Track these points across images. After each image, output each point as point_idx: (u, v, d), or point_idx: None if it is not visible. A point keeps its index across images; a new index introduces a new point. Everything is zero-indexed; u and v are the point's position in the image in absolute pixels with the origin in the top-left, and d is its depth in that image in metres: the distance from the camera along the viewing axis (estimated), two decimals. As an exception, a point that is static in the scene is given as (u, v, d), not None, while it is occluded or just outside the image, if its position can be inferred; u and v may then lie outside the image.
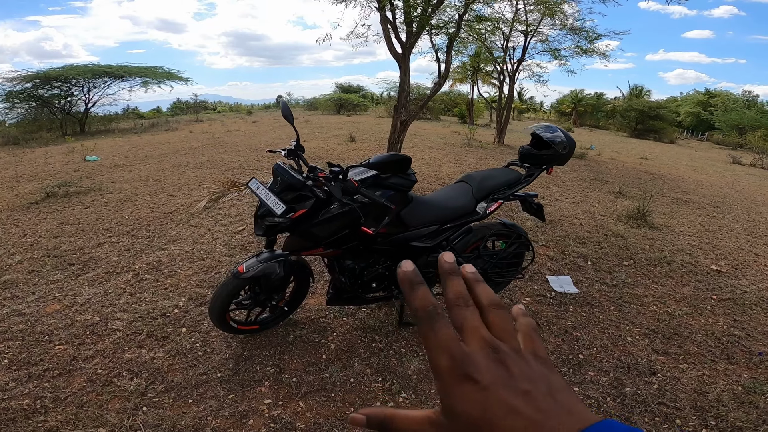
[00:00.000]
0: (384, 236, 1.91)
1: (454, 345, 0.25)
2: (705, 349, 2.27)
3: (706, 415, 1.77)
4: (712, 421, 1.74)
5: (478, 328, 0.27)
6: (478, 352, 0.25)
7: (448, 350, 0.25)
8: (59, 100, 14.72)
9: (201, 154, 7.79)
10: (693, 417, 1.77)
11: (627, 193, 5.99)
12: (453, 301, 0.27)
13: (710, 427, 1.72)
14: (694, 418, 1.76)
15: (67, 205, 4.50)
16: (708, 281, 3.16)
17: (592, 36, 9.62)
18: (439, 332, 0.26)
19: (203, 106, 29.15)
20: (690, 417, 1.76)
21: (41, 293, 2.62)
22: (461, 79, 20.69)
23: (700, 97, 31.39)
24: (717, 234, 4.44)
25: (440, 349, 0.25)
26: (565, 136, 2.19)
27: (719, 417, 1.76)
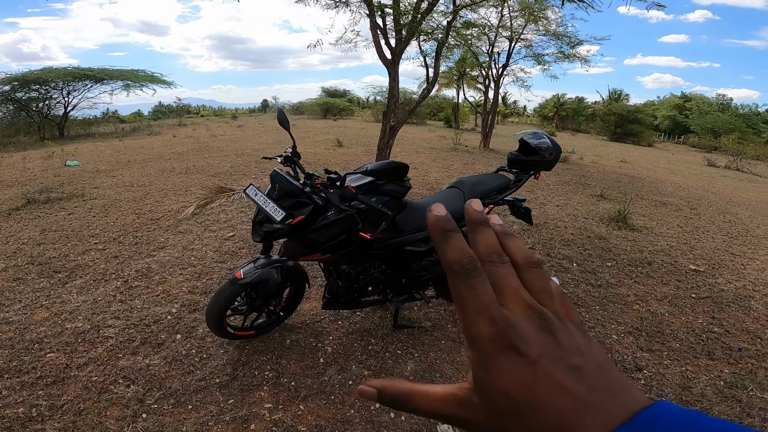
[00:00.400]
0: (379, 241, 1.95)
1: (495, 309, 0.21)
2: (687, 345, 2.37)
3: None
4: None
5: (519, 289, 0.23)
6: (523, 319, 0.22)
7: (490, 314, 0.21)
8: (37, 103, 14.31)
9: (186, 159, 7.69)
10: None
11: (608, 196, 6.19)
12: (486, 257, 0.23)
13: None
14: None
15: (49, 211, 4.39)
16: (687, 280, 3.30)
17: (574, 41, 9.98)
18: (479, 291, 0.21)
19: (186, 109, 28.70)
20: None
21: (28, 301, 2.56)
22: (447, 84, 20.97)
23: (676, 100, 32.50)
24: (694, 235, 4.63)
25: (480, 313, 0.21)
26: (552, 143, 2.29)
27: (704, 411, 1.85)
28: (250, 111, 33.72)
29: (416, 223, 2.05)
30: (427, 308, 2.58)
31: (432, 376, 1.97)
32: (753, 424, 1.75)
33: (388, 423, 1.66)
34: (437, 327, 2.40)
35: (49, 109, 14.61)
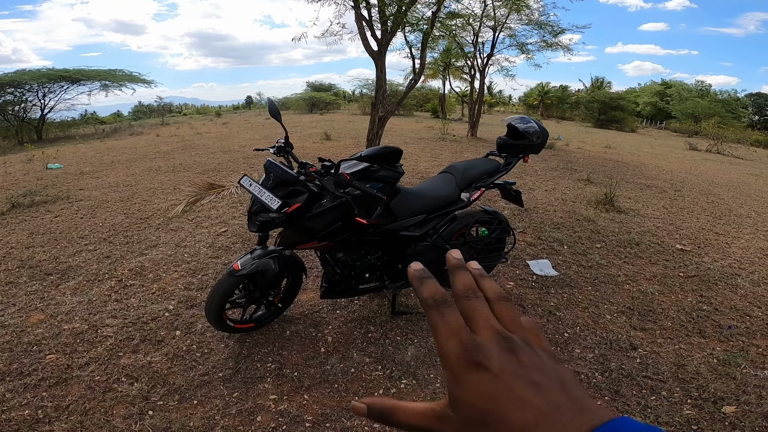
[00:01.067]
0: (374, 227, 1.97)
1: (464, 332, 0.25)
2: (678, 324, 2.44)
3: (689, 387, 1.90)
4: (695, 392, 1.87)
5: (489, 318, 0.26)
6: (489, 341, 0.25)
7: (458, 337, 0.25)
8: (12, 106, 13.87)
9: (172, 158, 7.57)
10: (677, 389, 1.89)
11: (594, 180, 6.29)
12: (462, 293, 0.27)
13: (694, 397, 1.83)
14: (678, 390, 1.88)
15: (35, 214, 4.30)
16: (674, 260, 3.39)
17: (557, 30, 10.06)
18: (448, 319, 0.25)
19: (168, 108, 28.13)
20: (674, 389, 1.89)
21: (22, 304, 2.52)
22: (433, 75, 20.94)
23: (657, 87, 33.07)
24: (679, 215, 4.75)
25: (450, 336, 0.25)
26: (539, 127, 2.33)
27: (701, 388, 1.89)
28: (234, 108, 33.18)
29: (410, 208, 2.07)
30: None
31: (432, 361, 2.01)
32: (749, 401, 1.80)
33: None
34: (435, 313, 2.43)
35: (26, 112, 14.18)
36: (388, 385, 1.82)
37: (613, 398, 1.83)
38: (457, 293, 0.28)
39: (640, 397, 1.84)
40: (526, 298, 2.65)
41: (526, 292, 2.75)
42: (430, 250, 2.24)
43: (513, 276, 2.96)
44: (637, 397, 1.84)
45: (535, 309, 2.54)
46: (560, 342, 2.22)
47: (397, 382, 1.84)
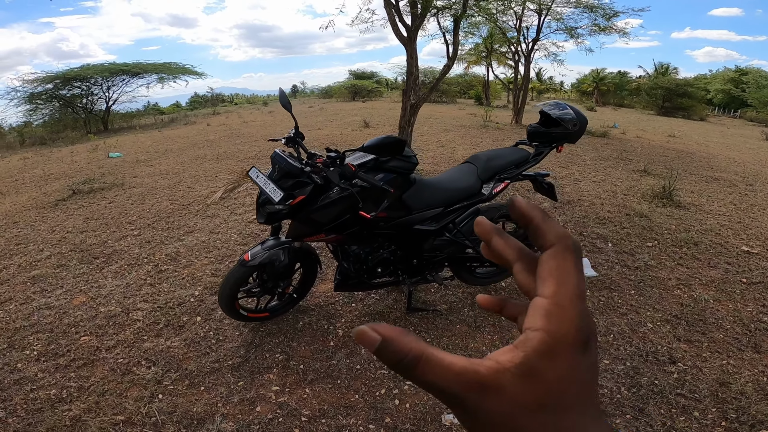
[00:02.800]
0: (386, 220, 1.89)
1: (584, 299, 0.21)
2: (731, 336, 2.15)
3: (727, 408, 1.68)
4: (732, 413, 1.65)
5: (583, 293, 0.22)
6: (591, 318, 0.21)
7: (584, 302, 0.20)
8: (81, 99, 15.24)
9: (218, 146, 7.91)
10: (712, 409, 1.68)
11: (652, 171, 5.73)
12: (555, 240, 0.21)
13: (730, 419, 1.63)
14: (714, 411, 1.67)
15: (92, 200, 4.67)
16: (738, 263, 2.99)
17: (609, 13, 9.21)
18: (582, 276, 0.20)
19: (220, 99, 29.57)
20: (709, 409, 1.68)
21: (69, 286, 2.73)
22: (476, 61, 20.19)
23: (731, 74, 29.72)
24: (749, 213, 4.19)
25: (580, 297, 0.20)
26: (576, 113, 2.10)
27: (740, 409, 1.66)
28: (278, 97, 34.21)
29: (426, 201, 1.96)
30: (444, 291, 2.50)
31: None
32: None
33: (391, 410, 1.63)
34: (453, 311, 2.32)
35: (93, 105, 15.53)
36: (391, 386, 1.76)
37: (635, 417, 1.64)
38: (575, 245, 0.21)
39: (667, 416, 1.64)
40: (557, 300, 2.45)
41: (558, 293, 2.54)
42: (448, 245, 2.12)
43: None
44: (664, 417, 1.63)
45: (564, 312, 2.34)
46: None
47: (401, 382, 1.77)
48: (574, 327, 0.19)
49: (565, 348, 0.19)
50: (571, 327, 0.19)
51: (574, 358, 0.19)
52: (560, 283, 0.20)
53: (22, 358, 2.01)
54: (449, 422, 1.56)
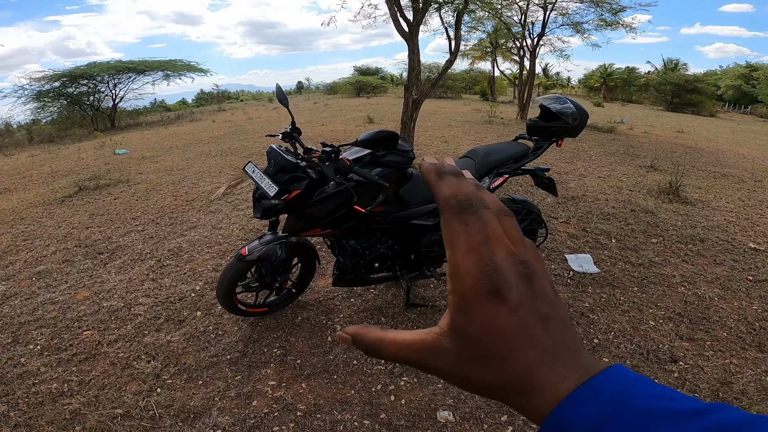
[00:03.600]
0: (383, 215, 1.88)
1: (485, 251, 0.21)
2: (735, 335, 2.11)
3: None
4: None
5: (502, 236, 0.22)
6: (507, 264, 0.21)
7: (479, 255, 0.20)
8: (88, 97, 15.35)
9: (222, 143, 7.94)
10: None
11: (659, 167, 5.65)
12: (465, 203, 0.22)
13: None
14: None
15: (98, 197, 4.72)
16: (744, 260, 2.94)
17: (616, 8, 9.07)
18: (472, 229, 0.21)
19: (226, 95, 29.66)
20: None
21: (73, 281, 2.77)
22: (481, 57, 20.02)
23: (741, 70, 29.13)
24: (757, 209, 4.11)
25: (470, 252, 0.21)
26: (576, 107, 2.07)
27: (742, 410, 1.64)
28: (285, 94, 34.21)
29: (423, 195, 1.95)
30: (443, 286, 2.49)
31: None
32: None
33: (386, 405, 1.63)
34: (452, 308, 2.31)
35: (99, 102, 15.64)
36: (387, 381, 1.75)
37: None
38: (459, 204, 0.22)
39: None
40: (558, 297, 2.43)
41: (560, 289, 2.52)
42: None
43: (547, 271, 2.73)
44: None
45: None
46: (587, 348, 2.00)
47: (397, 378, 1.77)
48: (471, 281, 0.20)
49: (473, 302, 0.20)
50: (468, 281, 0.20)
51: (486, 308, 0.20)
52: (451, 246, 0.21)
53: (25, 353, 2.04)
54: (444, 419, 1.56)
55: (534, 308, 0.21)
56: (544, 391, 0.20)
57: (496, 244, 0.21)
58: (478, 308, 0.20)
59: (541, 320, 0.21)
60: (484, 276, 0.20)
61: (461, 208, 0.21)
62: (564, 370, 0.20)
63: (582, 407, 0.19)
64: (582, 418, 0.19)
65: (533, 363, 0.20)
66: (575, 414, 0.19)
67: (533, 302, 0.21)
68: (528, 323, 0.20)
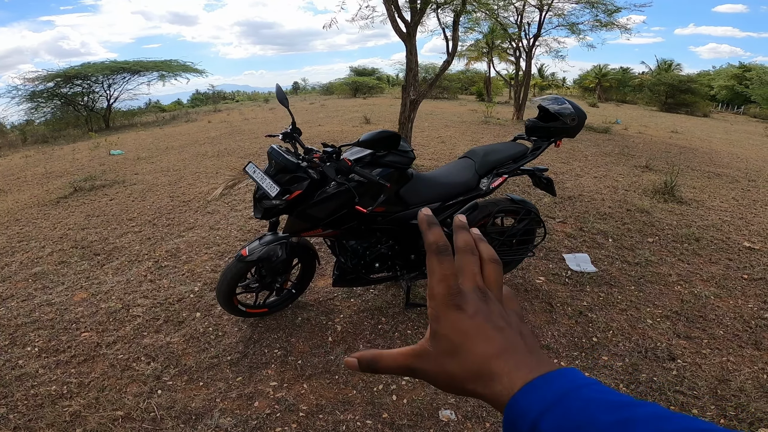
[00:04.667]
0: (384, 215, 1.89)
1: (452, 279, 0.29)
2: (732, 333, 2.14)
3: (726, 405, 1.68)
4: (731, 411, 1.65)
5: (475, 275, 0.31)
6: (470, 291, 0.30)
7: (447, 282, 0.29)
8: (82, 97, 15.20)
9: (219, 143, 7.91)
10: (711, 407, 1.67)
11: (654, 167, 5.70)
12: (461, 247, 0.32)
13: (729, 417, 1.62)
14: (713, 408, 1.66)
15: (93, 198, 4.68)
16: (739, 259, 2.98)
17: (611, 9, 9.15)
18: (444, 265, 0.29)
19: (221, 96, 29.50)
20: (708, 406, 1.67)
21: (70, 283, 2.74)
22: (477, 57, 20.09)
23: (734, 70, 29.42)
24: (751, 209, 4.17)
25: (441, 281, 0.29)
26: (574, 108, 2.09)
27: (740, 407, 1.66)
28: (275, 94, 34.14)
29: (423, 195, 1.96)
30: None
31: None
32: None
33: (388, 405, 1.63)
34: (452, 308, 2.32)
35: (94, 103, 15.49)
36: (388, 381, 1.76)
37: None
38: (457, 247, 0.32)
39: None
40: (556, 296, 2.45)
41: (557, 288, 2.54)
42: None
43: (545, 270, 2.75)
44: None
45: (564, 308, 2.33)
46: (586, 347, 2.02)
47: (398, 378, 1.77)
48: (441, 299, 0.29)
49: (441, 312, 0.29)
50: (439, 299, 0.29)
51: (451, 315, 0.28)
52: (431, 275, 0.30)
53: (23, 355, 2.02)
54: (446, 418, 1.57)
55: (489, 319, 0.28)
56: (502, 380, 0.26)
57: (467, 278, 0.30)
58: (445, 316, 0.28)
59: (495, 328, 0.28)
60: (450, 296, 0.29)
61: (439, 251, 0.30)
62: (517, 362, 0.27)
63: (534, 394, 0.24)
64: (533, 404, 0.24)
65: (489, 354, 0.27)
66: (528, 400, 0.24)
67: (488, 315, 0.29)
68: (483, 327, 0.28)
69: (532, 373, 0.26)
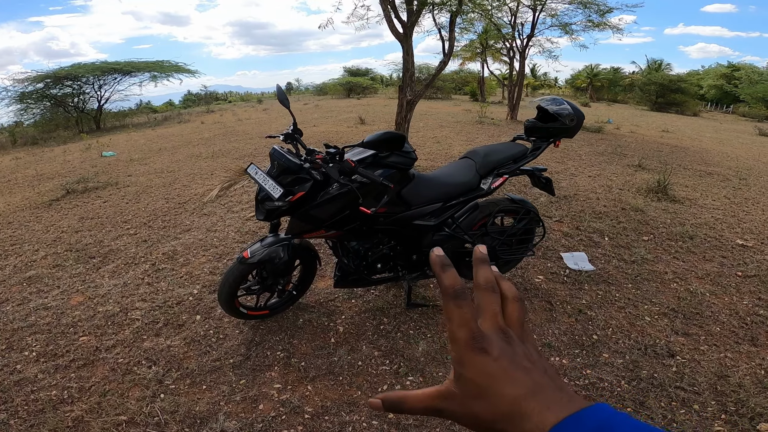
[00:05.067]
0: (386, 216, 1.89)
1: (473, 323, 0.29)
2: (728, 329, 2.17)
3: (726, 401, 1.70)
4: (732, 406, 1.68)
5: (496, 315, 0.30)
6: (492, 332, 0.29)
7: (468, 326, 0.28)
8: (72, 98, 14.99)
9: (213, 144, 7.86)
10: (712, 402, 1.70)
11: (647, 166, 5.78)
12: (482, 285, 0.31)
13: (730, 412, 1.65)
14: (713, 403, 1.69)
15: (86, 200, 4.62)
16: (733, 257, 3.03)
17: (603, 9, 9.27)
18: (463, 309, 0.29)
19: (214, 96, 29.28)
20: (708, 402, 1.70)
21: (65, 286, 2.71)
22: (471, 58, 20.20)
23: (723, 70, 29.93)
24: (743, 207, 4.24)
25: (462, 324, 0.28)
26: (573, 108, 2.11)
27: (740, 402, 1.69)
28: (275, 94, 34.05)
29: (425, 196, 1.96)
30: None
31: (444, 357, 1.92)
32: None
33: (395, 406, 1.63)
34: (453, 307, 2.33)
35: (84, 104, 15.28)
36: (393, 381, 1.76)
37: (636, 410, 1.66)
38: (477, 284, 0.31)
39: (667, 410, 1.66)
40: (556, 294, 2.47)
41: (557, 287, 2.56)
42: (447, 240, 2.13)
43: (543, 269, 2.77)
44: (664, 410, 1.66)
45: (563, 306, 2.35)
46: (586, 345, 2.04)
47: (402, 378, 1.78)
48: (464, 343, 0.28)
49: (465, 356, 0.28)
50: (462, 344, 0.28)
51: (475, 359, 0.28)
52: (449, 320, 0.29)
53: (21, 359, 1.99)
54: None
55: (514, 361, 0.28)
56: (532, 418, 0.26)
57: (488, 318, 0.30)
58: (470, 360, 0.28)
59: (521, 369, 0.28)
60: (472, 340, 0.28)
61: (456, 295, 0.29)
62: (546, 401, 0.26)
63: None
64: None
65: (518, 396, 0.27)
66: None
67: (513, 357, 0.28)
68: (509, 369, 0.28)
69: (563, 412, 0.25)
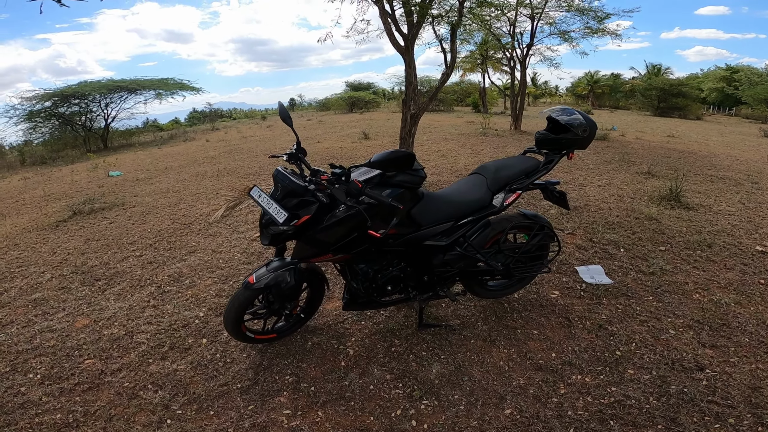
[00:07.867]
0: (395, 237, 1.82)
1: None
2: (757, 340, 2.08)
3: (762, 413, 1.62)
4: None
5: None
6: None
7: None
8: (80, 117, 15.20)
9: (218, 163, 7.90)
10: (747, 415, 1.62)
11: (657, 172, 5.69)
12: None
13: (766, 425, 1.57)
14: (749, 416, 1.61)
15: (93, 221, 4.62)
16: (754, 264, 2.92)
17: (601, 15, 9.32)
18: None
19: (218, 114, 29.70)
20: (744, 415, 1.62)
21: (71, 309, 2.67)
22: (471, 69, 20.38)
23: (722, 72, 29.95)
24: (758, 211, 4.13)
25: None
26: (585, 118, 2.05)
27: None
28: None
29: (435, 215, 1.90)
30: (456, 305, 2.43)
31: (458, 380, 1.83)
32: None
33: (408, 431, 1.55)
34: (466, 325, 2.24)
35: (91, 122, 15.50)
36: (407, 406, 1.68)
37: (668, 426, 1.57)
38: None
39: (701, 425, 1.58)
40: (573, 310, 2.38)
41: (573, 302, 2.47)
42: (458, 259, 2.05)
43: (559, 284, 2.69)
44: (698, 425, 1.57)
45: (582, 322, 2.26)
46: (610, 361, 1.94)
47: (417, 402, 1.70)
48: None
49: None
50: None
51: None
52: None
53: (25, 382, 1.95)
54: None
55: None
56: None
57: None
58: None
59: None
60: None
61: None
62: None
63: None
64: None
65: None
66: None
67: None
68: None
69: None
